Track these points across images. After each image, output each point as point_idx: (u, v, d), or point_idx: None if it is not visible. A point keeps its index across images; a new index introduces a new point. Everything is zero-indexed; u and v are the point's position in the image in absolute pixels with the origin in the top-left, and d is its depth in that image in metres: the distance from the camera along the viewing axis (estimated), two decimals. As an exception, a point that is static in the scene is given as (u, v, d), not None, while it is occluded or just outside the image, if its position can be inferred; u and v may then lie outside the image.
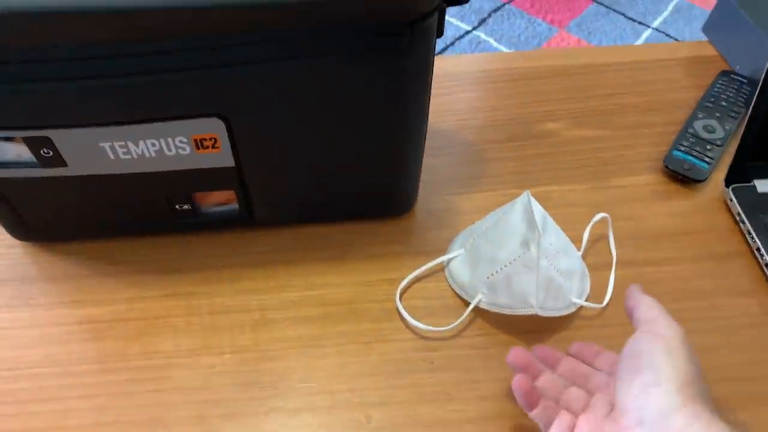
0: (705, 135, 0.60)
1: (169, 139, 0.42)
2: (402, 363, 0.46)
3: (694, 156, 0.58)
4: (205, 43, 0.37)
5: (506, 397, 0.44)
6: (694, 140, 0.60)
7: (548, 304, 0.46)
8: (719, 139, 0.60)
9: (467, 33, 1.65)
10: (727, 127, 0.61)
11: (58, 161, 0.43)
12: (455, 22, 1.67)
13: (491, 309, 0.47)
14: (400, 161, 0.49)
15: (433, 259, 0.51)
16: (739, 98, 0.63)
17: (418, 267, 0.51)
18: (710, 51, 0.71)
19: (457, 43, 1.62)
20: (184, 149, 0.43)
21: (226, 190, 0.48)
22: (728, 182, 0.56)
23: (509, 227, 0.47)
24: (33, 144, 0.41)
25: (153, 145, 0.42)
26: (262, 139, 0.44)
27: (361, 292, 0.50)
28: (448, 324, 0.47)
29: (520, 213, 0.47)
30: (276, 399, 0.44)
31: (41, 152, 0.42)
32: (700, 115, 0.62)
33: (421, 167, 0.52)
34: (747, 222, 0.53)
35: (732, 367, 0.46)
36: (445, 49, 1.59)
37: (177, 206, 0.49)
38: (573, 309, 0.47)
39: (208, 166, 0.45)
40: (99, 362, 0.46)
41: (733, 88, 0.65)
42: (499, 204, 0.52)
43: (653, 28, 1.68)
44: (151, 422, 0.43)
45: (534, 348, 0.43)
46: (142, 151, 0.43)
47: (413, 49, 0.39)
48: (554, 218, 0.49)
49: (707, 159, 0.58)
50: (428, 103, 0.46)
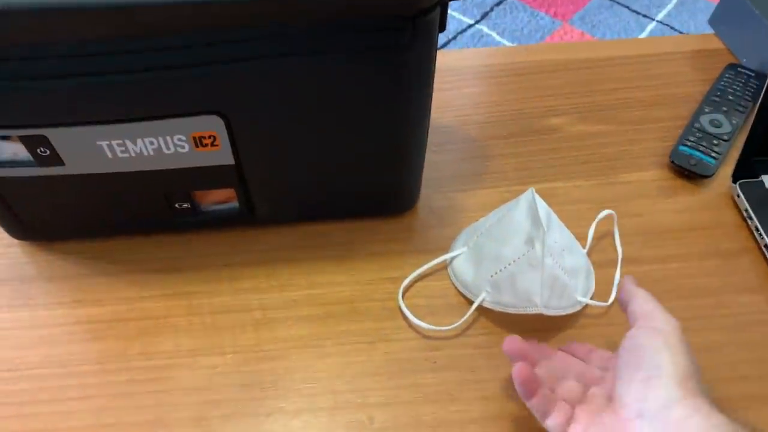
0: (711, 129, 0.59)
1: (168, 137, 0.41)
2: (404, 363, 0.46)
3: (700, 151, 0.57)
4: (204, 39, 0.36)
5: (510, 398, 0.44)
6: (700, 135, 0.59)
7: (553, 302, 0.45)
8: (726, 133, 0.59)
9: (470, 27, 1.63)
10: (734, 122, 0.60)
11: (56, 160, 0.42)
12: (457, 16, 1.66)
13: (495, 308, 0.47)
14: (402, 158, 0.48)
15: (435, 257, 0.50)
16: (747, 92, 0.63)
17: (420, 265, 0.50)
18: (717, 44, 0.70)
19: (459, 37, 1.60)
20: (182, 147, 0.42)
21: (226, 188, 0.47)
22: (735, 178, 0.55)
23: (513, 225, 0.46)
24: (30, 143, 0.41)
25: (151, 143, 0.42)
26: (262, 137, 0.43)
27: (363, 291, 0.49)
28: (452, 323, 0.47)
29: (525, 210, 0.46)
30: (277, 400, 0.44)
31: (38, 151, 0.41)
32: (706, 110, 0.61)
33: (423, 164, 0.51)
34: (755, 218, 0.52)
35: (739, 366, 0.45)
36: (447, 43, 1.58)
37: (177, 205, 0.48)
38: (578, 307, 0.47)
39: (208, 165, 0.44)
40: (99, 363, 0.46)
41: (740, 82, 0.64)
42: (502, 201, 0.51)
43: (658, 21, 1.66)
44: (152, 423, 0.43)
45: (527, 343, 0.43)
46: (140, 150, 0.42)
47: (415, 44, 0.39)
48: (559, 215, 0.49)
49: (714, 154, 0.57)
50: (431, 98, 0.45)
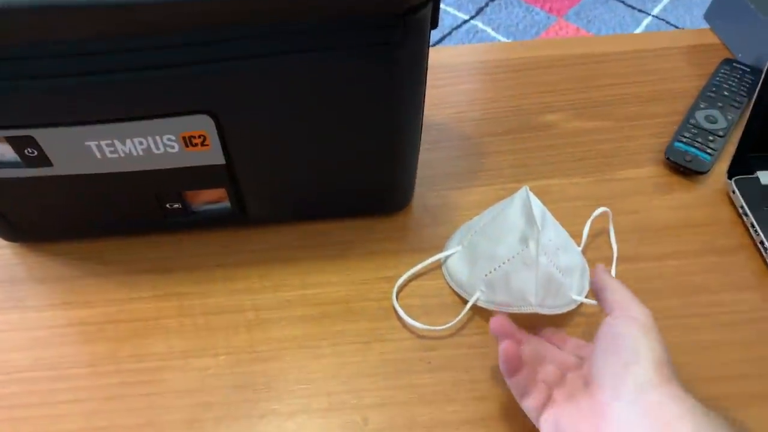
0: (707, 125, 0.59)
1: (157, 137, 0.41)
2: (399, 363, 0.45)
3: (695, 147, 0.57)
4: (192, 38, 0.36)
5: (505, 398, 0.43)
6: (695, 131, 0.58)
7: (548, 301, 0.45)
8: (721, 129, 0.59)
9: (465, 22, 1.63)
10: (729, 117, 0.60)
11: (43, 161, 0.41)
12: (452, 12, 1.65)
13: (489, 307, 0.46)
14: (396, 156, 0.48)
15: (430, 256, 0.50)
16: (742, 87, 0.62)
17: (414, 264, 0.50)
18: (712, 39, 0.69)
19: (454, 32, 1.60)
20: (172, 147, 0.42)
21: (217, 188, 0.47)
22: (731, 174, 0.55)
23: (507, 223, 0.46)
24: (17, 143, 0.40)
25: (140, 143, 0.41)
26: (252, 136, 0.43)
27: (357, 291, 0.49)
28: (446, 323, 0.46)
29: (519, 208, 0.46)
30: (271, 401, 0.43)
31: (25, 152, 0.41)
32: (701, 105, 0.61)
33: (417, 162, 0.51)
34: (750, 215, 0.52)
35: (736, 364, 0.45)
36: (442, 39, 1.58)
37: (167, 205, 0.48)
38: (573, 306, 0.46)
39: (198, 164, 0.44)
40: (90, 365, 0.45)
41: (735, 77, 0.63)
42: (497, 198, 0.51)
43: (653, 16, 1.66)
44: (144, 426, 0.42)
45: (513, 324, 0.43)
46: (130, 150, 0.41)
47: (407, 41, 0.38)
48: (554, 213, 0.48)
49: (709, 150, 0.57)
50: (423, 96, 0.45)
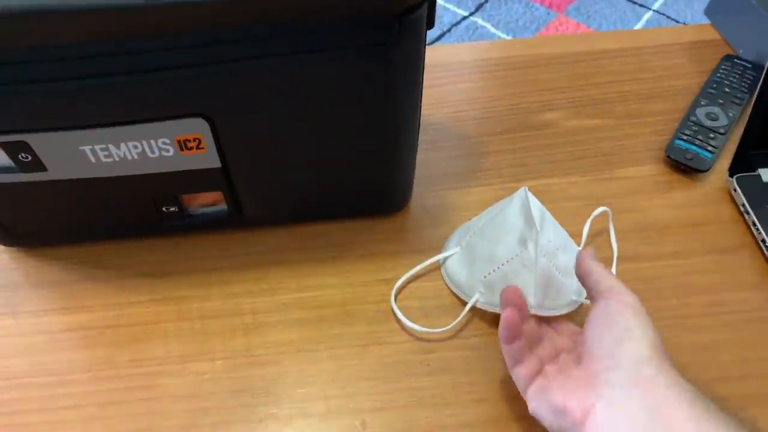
0: (708, 123, 0.58)
1: (152, 141, 0.41)
2: (398, 366, 0.45)
3: (696, 145, 0.56)
4: (186, 41, 0.35)
5: (505, 400, 0.43)
6: (696, 128, 0.58)
7: (547, 303, 0.44)
8: (722, 126, 0.58)
9: (464, 19, 1.62)
10: (730, 115, 0.59)
11: (38, 166, 0.41)
12: (452, 8, 1.65)
13: (488, 309, 0.46)
14: (393, 157, 0.47)
15: (429, 257, 0.50)
16: (743, 84, 0.62)
17: (414, 266, 0.49)
18: (713, 35, 0.69)
19: (453, 29, 1.59)
20: (167, 151, 0.41)
21: (213, 191, 0.46)
22: (732, 172, 0.54)
23: (506, 224, 0.46)
24: (10, 149, 0.40)
25: (135, 147, 0.41)
26: (247, 139, 0.42)
27: (355, 294, 0.49)
28: (446, 324, 0.46)
29: (518, 209, 0.45)
30: (269, 406, 0.43)
31: (19, 157, 0.40)
32: (702, 102, 0.60)
33: (415, 162, 0.50)
34: (752, 213, 0.51)
35: (739, 365, 0.45)
36: (441, 36, 1.57)
37: (164, 208, 0.47)
38: (573, 307, 0.46)
39: (194, 168, 0.43)
40: (88, 371, 0.45)
41: (736, 74, 0.63)
42: (497, 198, 0.50)
43: (654, 10, 1.65)
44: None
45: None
46: (124, 154, 0.41)
47: (402, 41, 0.38)
48: (553, 212, 0.48)
49: (710, 148, 0.56)
50: (420, 95, 0.44)
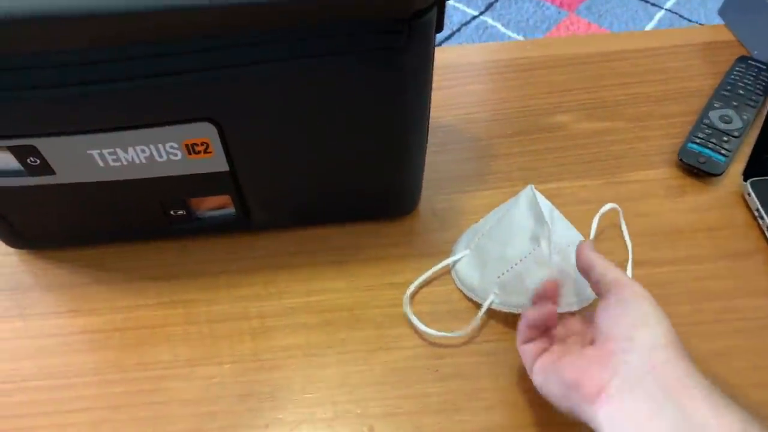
0: (721, 126, 0.57)
1: (159, 145, 0.40)
2: (406, 372, 0.45)
3: (709, 148, 0.56)
4: (193, 46, 0.35)
5: (515, 407, 0.43)
6: (709, 131, 0.57)
7: (564, 300, 0.44)
8: (736, 129, 0.57)
9: (474, 18, 1.61)
10: (744, 117, 0.58)
11: (46, 169, 0.41)
12: (461, 8, 1.64)
13: (504, 309, 0.45)
14: (402, 160, 0.47)
15: (438, 260, 0.49)
16: (758, 86, 0.61)
17: (422, 270, 0.49)
18: (727, 35, 0.68)
19: (463, 29, 1.58)
20: (175, 155, 0.41)
21: (221, 195, 0.46)
22: (746, 176, 0.53)
23: (515, 224, 0.45)
24: (19, 153, 0.40)
25: (143, 151, 0.41)
26: (256, 143, 0.42)
27: (362, 298, 0.48)
28: (459, 328, 0.45)
29: (525, 208, 0.45)
30: (275, 411, 0.43)
31: (28, 161, 0.40)
32: (716, 105, 0.59)
33: (424, 165, 0.50)
34: (766, 217, 0.51)
35: (752, 372, 0.44)
36: (451, 36, 1.56)
37: (172, 212, 0.47)
38: (589, 302, 0.45)
39: (201, 172, 0.43)
40: (96, 374, 0.45)
41: (751, 75, 0.62)
42: (506, 201, 0.50)
43: (666, 9, 1.63)
44: (149, 436, 0.42)
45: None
46: (132, 158, 0.41)
47: (411, 45, 0.37)
48: (564, 216, 0.47)
49: (724, 151, 0.55)
50: (429, 99, 0.44)
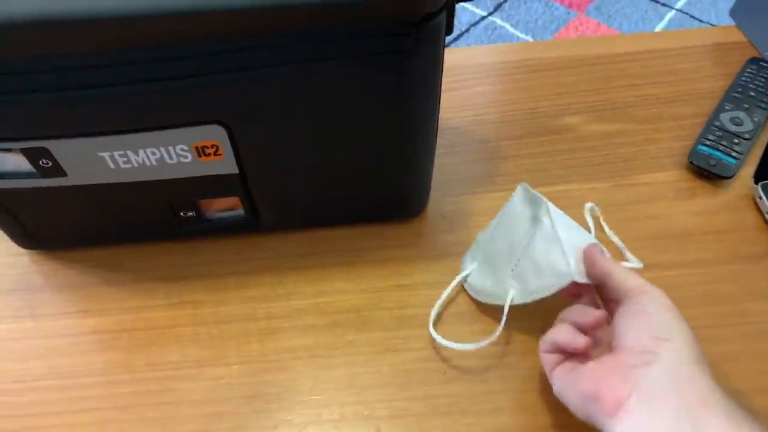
0: (732, 128, 0.57)
1: (170, 147, 0.41)
2: (414, 374, 0.45)
3: (720, 151, 0.55)
4: (205, 49, 0.36)
5: (522, 411, 0.43)
6: (720, 134, 0.57)
7: (582, 268, 0.41)
8: (747, 132, 0.57)
9: (482, 19, 1.61)
10: (755, 119, 0.58)
11: (58, 171, 0.42)
12: (470, 8, 1.63)
13: (526, 300, 0.43)
14: (410, 163, 0.47)
15: (445, 263, 0.50)
16: (770, 88, 0.60)
17: (431, 272, 0.49)
18: (738, 37, 0.67)
19: (472, 29, 1.58)
20: (185, 157, 0.42)
21: (230, 197, 0.47)
22: (757, 179, 0.53)
23: (513, 216, 0.45)
24: (31, 155, 0.40)
25: (153, 153, 0.41)
26: (265, 145, 0.42)
27: (370, 299, 0.48)
28: (487, 333, 0.44)
29: (519, 199, 0.46)
30: (283, 412, 0.43)
31: (40, 163, 0.41)
32: (726, 107, 0.59)
33: (432, 167, 0.50)
34: (777, 221, 0.50)
35: (762, 376, 0.44)
36: (460, 36, 1.56)
37: (181, 213, 0.48)
38: None
39: (211, 174, 0.43)
40: (105, 374, 0.45)
41: (762, 77, 0.61)
42: (514, 205, 0.50)
43: (677, 10, 1.62)
44: (158, 436, 0.43)
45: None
46: (143, 160, 0.41)
47: (420, 48, 0.37)
48: (573, 218, 0.47)
49: (734, 154, 0.55)
50: (438, 101, 0.44)
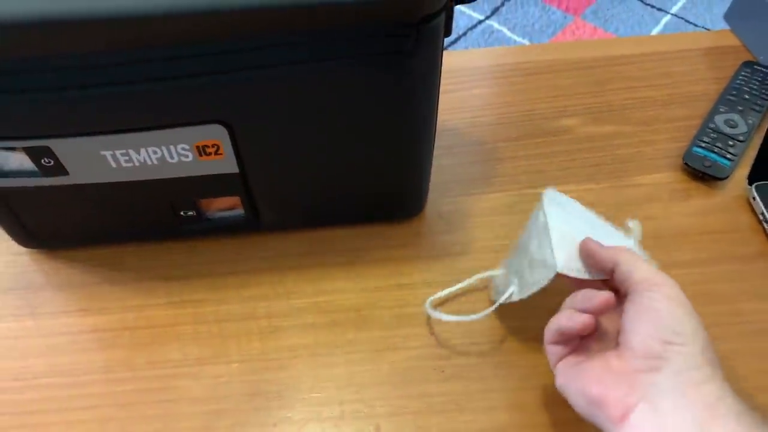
0: (727, 130, 0.58)
1: (171, 147, 0.41)
2: (412, 372, 0.45)
3: (715, 152, 0.56)
4: (205, 49, 0.36)
5: (519, 407, 0.43)
6: (715, 136, 0.57)
7: (574, 263, 0.40)
8: (742, 134, 0.57)
9: (480, 23, 1.62)
10: (750, 122, 0.58)
11: (60, 170, 0.42)
12: (467, 12, 1.64)
13: (524, 296, 0.42)
14: (409, 163, 0.48)
15: (443, 263, 0.50)
16: (763, 90, 0.61)
17: (430, 271, 0.50)
18: (732, 40, 0.68)
19: (469, 33, 1.59)
20: (186, 156, 0.42)
21: (231, 196, 0.47)
22: (751, 180, 0.54)
23: (530, 218, 0.44)
24: (33, 154, 0.41)
25: (155, 152, 0.41)
26: (266, 145, 0.43)
27: (369, 299, 0.49)
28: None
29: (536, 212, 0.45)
30: (283, 410, 0.43)
31: (42, 161, 0.41)
32: (721, 109, 0.60)
33: (430, 168, 0.50)
34: (771, 222, 0.51)
35: (756, 376, 0.44)
36: (457, 40, 1.57)
37: (182, 212, 0.48)
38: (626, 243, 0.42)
39: (212, 173, 0.44)
40: (105, 372, 0.46)
41: (756, 80, 0.62)
42: (512, 205, 0.51)
43: (672, 14, 1.63)
44: (158, 433, 0.43)
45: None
46: (144, 159, 0.42)
47: (419, 50, 0.38)
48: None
49: (729, 155, 0.56)
50: (437, 102, 0.44)
